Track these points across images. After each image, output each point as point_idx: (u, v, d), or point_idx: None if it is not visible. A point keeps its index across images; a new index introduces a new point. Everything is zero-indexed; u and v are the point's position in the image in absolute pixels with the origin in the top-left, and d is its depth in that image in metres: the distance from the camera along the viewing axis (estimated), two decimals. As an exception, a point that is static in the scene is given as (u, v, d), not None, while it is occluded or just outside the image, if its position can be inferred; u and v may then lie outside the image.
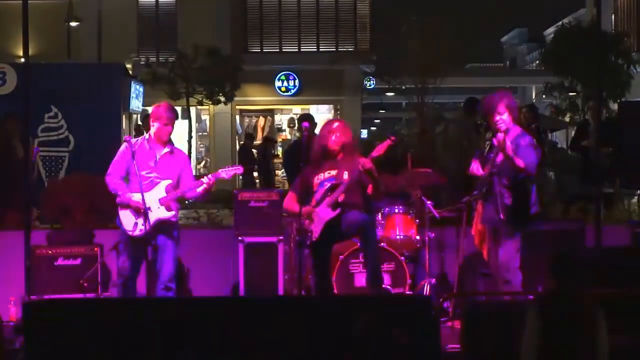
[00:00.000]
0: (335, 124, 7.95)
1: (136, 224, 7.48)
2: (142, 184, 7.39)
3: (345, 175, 7.65)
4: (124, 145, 7.68)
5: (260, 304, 6.51)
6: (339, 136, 7.80)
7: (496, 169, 7.51)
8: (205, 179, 7.57)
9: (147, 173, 7.56)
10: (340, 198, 7.61)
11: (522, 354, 5.32)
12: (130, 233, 7.53)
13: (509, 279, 7.47)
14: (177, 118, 7.82)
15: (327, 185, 7.70)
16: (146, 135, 7.78)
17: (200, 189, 7.58)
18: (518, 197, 7.49)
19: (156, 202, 7.49)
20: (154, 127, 7.67)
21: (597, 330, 5.31)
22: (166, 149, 7.69)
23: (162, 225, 7.54)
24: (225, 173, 7.64)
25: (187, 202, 7.91)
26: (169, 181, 7.60)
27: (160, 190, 7.55)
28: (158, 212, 7.50)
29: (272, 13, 28.35)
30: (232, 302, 7.25)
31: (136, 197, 7.45)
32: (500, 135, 7.38)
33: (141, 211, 7.37)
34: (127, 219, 7.55)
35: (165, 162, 7.64)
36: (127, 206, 7.53)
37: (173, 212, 7.61)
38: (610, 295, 6.33)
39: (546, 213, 10.02)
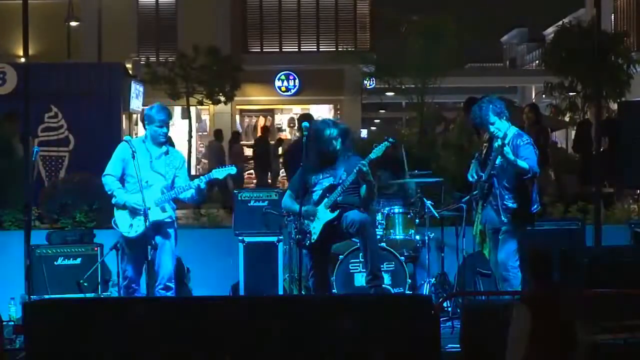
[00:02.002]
0: (332, 128, 7.87)
1: (131, 225, 7.49)
2: (140, 184, 7.39)
3: (343, 176, 7.65)
4: (120, 146, 7.68)
5: (260, 304, 6.52)
6: (336, 139, 7.77)
7: (496, 171, 7.53)
8: (197, 181, 7.58)
9: (143, 173, 7.54)
10: (339, 199, 7.62)
11: (509, 354, 5.33)
12: (126, 234, 7.53)
13: (508, 278, 7.49)
14: (170, 118, 7.81)
15: (326, 185, 7.70)
16: (142, 137, 7.78)
17: (194, 191, 7.58)
18: (520, 199, 7.50)
19: (151, 203, 7.48)
20: (148, 129, 7.67)
21: (577, 327, 5.34)
22: (162, 150, 7.68)
23: (157, 226, 7.53)
24: (218, 173, 7.65)
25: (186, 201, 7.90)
26: (163, 182, 7.59)
27: (155, 192, 7.53)
28: (153, 213, 7.49)
29: (272, 13, 28.35)
30: (232, 302, 7.25)
31: (133, 198, 7.47)
32: (499, 143, 7.38)
33: (137, 212, 7.40)
34: (123, 220, 7.55)
35: (160, 163, 7.63)
36: (123, 207, 7.53)
37: (168, 213, 7.60)
38: (610, 296, 6.34)
39: (546, 213, 10.02)
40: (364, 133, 31.51)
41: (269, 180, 21.83)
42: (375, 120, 48.27)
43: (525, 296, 5.70)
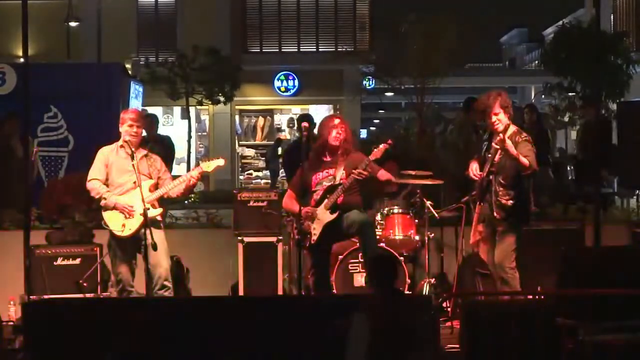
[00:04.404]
0: (337, 120, 7.93)
1: (124, 224, 7.50)
2: (122, 187, 7.53)
3: (344, 176, 7.65)
4: (101, 150, 7.75)
5: (260, 304, 6.52)
6: (341, 132, 7.79)
7: (495, 168, 7.53)
8: (188, 175, 7.62)
9: (128, 176, 7.58)
10: (339, 200, 7.61)
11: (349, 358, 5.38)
12: (119, 234, 7.54)
13: (506, 278, 7.49)
14: (144, 119, 7.85)
15: (326, 185, 7.70)
16: (120, 142, 7.75)
17: (184, 186, 7.60)
18: (516, 196, 7.51)
19: (140, 203, 7.49)
20: (123, 132, 7.68)
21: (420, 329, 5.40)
22: (142, 152, 7.72)
23: (149, 224, 7.51)
24: (207, 166, 7.68)
25: (186, 201, 7.92)
26: (151, 181, 7.63)
27: (144, 191, 7.52)
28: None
29: (272, 13, 28.35)
30: (232, 302, 7.26)
31: (122, 199, 7.53)
32: (499, 137, 7.38)
33: (126, 212, 7.48)
34: (114, 220, 7.56)
35: (143, 163, 7.66)
36: (113, 208, 7.55)
37: (160, 211, 7.62)
38: (610, 295, 6.34)
39: (546, 213, 10.02)
40: (363, 133, 31.48)
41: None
42: (375, 121, 48.28)
43: (364, 303, 5.78)
